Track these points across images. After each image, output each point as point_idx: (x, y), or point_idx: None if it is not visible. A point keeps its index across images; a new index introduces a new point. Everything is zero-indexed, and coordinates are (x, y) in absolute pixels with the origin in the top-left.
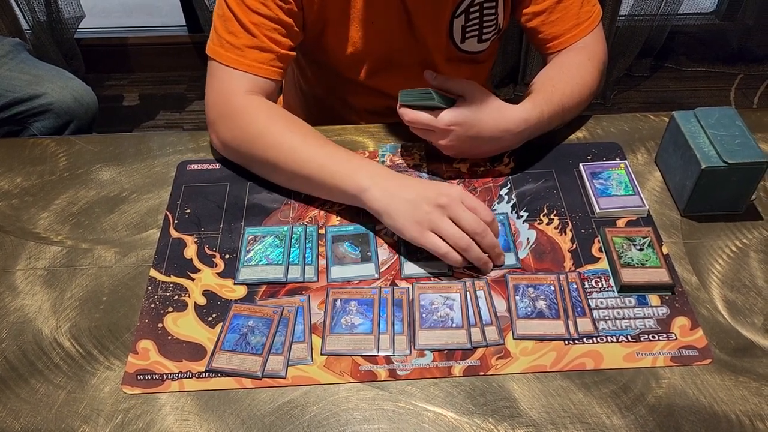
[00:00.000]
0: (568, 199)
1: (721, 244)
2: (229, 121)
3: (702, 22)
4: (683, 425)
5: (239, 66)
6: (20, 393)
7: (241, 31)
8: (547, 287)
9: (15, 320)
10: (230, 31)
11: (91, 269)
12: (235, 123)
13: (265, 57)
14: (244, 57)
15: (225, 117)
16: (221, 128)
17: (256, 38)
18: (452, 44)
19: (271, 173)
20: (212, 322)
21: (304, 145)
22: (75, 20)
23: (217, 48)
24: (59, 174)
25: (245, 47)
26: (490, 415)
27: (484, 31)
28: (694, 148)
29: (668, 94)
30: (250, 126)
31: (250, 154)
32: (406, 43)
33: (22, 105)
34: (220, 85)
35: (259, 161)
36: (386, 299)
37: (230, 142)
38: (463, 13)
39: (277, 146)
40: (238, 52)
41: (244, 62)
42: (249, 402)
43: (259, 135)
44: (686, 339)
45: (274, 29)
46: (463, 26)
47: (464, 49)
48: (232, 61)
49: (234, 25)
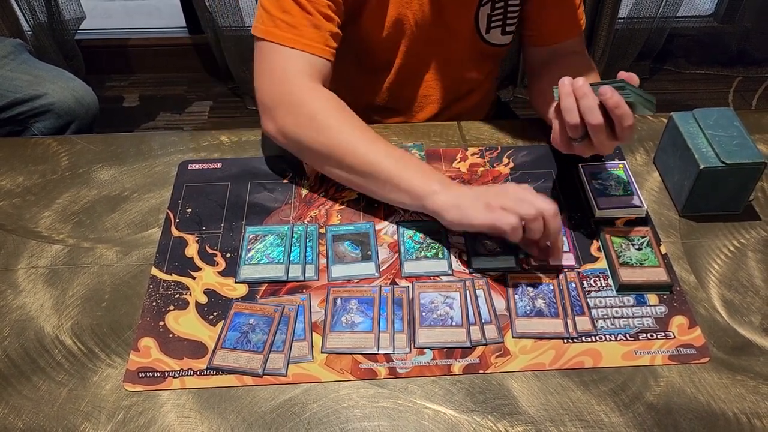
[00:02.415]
0: (567, 199)
1: (719, 243)
2: (291, 108)
3: (700, 24)
4: (681, 423)
5: (296, 45)
6: (22, 390)
7: (295, 8)
8: (546, 286)
9: (17, 318)
10: (284, 9)
11: (93, 268)
12: (299, 111)
13: (321, 36)
14: (302, 36)
15: (286, 104)
16: (280, 115)
17: (311, 15)
18: (477, 34)
19: (329, 166)
20: (213, 321)
21: (372, 145)
22: (76, 21)
23: (269, 28)
24: (61, 173)
25: (302, 25)
26: (490, 413)
27: (508, 21)
28: (693, 148)
29: (667, 96)
30: (315, 117)
31: (311, 145)
32: (435, 31)
33: (24, 105)
34: (275, 68)
35: (319, 154)
36: (386, 298)
37: (291, 130)
38: (489, 1)
39: (344, 142)
40: (294, 31)
41: (302, 41)
42: (250, 399)
43: (326, 127)
44: (684, 338)
45: (327, 5)
46: (489, 15)
47: (489, 41)
48: (288, 41)
49: (288, 2)
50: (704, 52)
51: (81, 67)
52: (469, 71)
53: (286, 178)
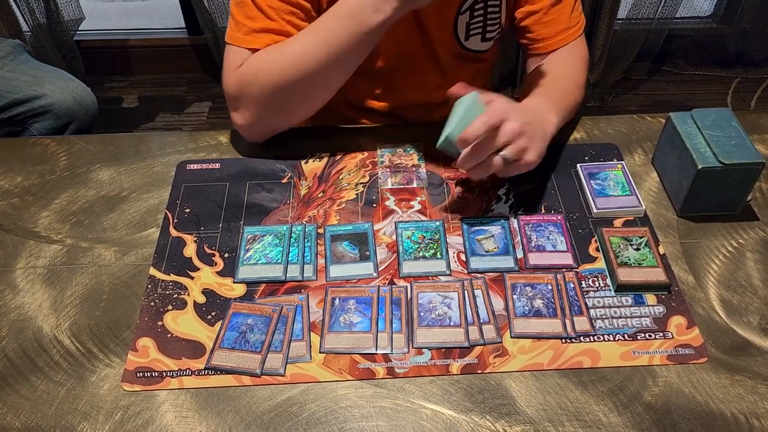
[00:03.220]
0: (565, 200)
1: (717, 244)
2: (248, 86)
3: (699, 25)
4: (679, 423)
5: (251, 45)
6: (20, 390)
7: (258, 15)
8: (544, 286)
9: (15, 318)
10: (248, 16)
11: (91, 268)
12: (256, 79)
13: (279, 41)
14: (259, 39)
15: (244, 84)
16: (244, 96)
17: (273, 21)
18: (456, 41)
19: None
20: (212, 320)
21: (307, 37)
22: (75, 22)
23: (234, 33)
24: (59, 173)
25: (261, 30)
26: (488, 413)
27: (488, 29)
28: (691, 148)
29: (666, 97)
30: (269, 69)
31: (278, 95)
32: (414, 37)
33: (23, 106)
34: (232, 65)
35: (289, 90)
36: (385, 298)
37: (258, 102)
38: (468, 10)
39: (294, 61)
40: (254, 35)
41: (256, 41)
42: (248, 399)
43: (276, 69)
44: (682, 338)
45: (292, 13)
46: (468, 23)
47: (468, 47)
48: (245, 42)
49: (252, 9)
50: (703, 53)
51: (80, 67)
52: (451, 74)
53: (284, 178)
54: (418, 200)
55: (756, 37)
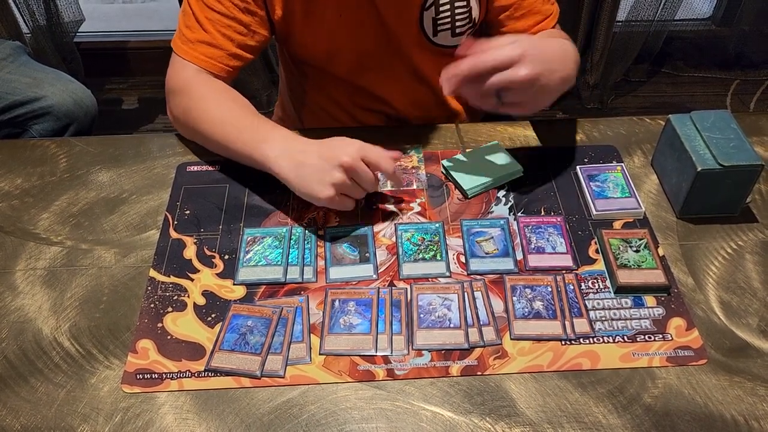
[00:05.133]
0: (565, 201)
1: (716, 246)
2: (176, 96)
3: (698, 27)
4: (679, 425)
5: (187, 57)
6: (20, 392)
7: (196, 26)
8: (544, 288)
9: (15, 320)
10: (187, 25)
11: (91, 269)
12: (180, 97)
13: (213, 53)
14: (194, 50)
15: (174, 92)
16: (171, 103)
17: (208, 34)
18: (424, 37)
19: (206, 143)
20: (211, 322)
21: (227, 116)
22: (74, 24)
23: (176, 40)
24: (59, 175)
25: (197, 41)
26: (487, 415)
27: (457, 24)
28: (690, 150)
29: (665, 99)
30: (191, 99)
31: (190, 125)
32: (379, 35)
33: (22, 107)
34: (175, 66)
35: (195, 131)
36: (384, 300)
37: (178, 115)
38: (433, 5)
39: (208, 119)
40: (190, 45)
41: (192, 54)
42: (248, 401)
43: (194, 108)
44: (682, 339)
45: (229, 26)
46: (434, 19)
47: (437, 43)
48: (182, 52)
49: (191, 19)
50: (702, 55)
51: (80, 69)
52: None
53: None
54: (418, 202)
55: (755, 39)
